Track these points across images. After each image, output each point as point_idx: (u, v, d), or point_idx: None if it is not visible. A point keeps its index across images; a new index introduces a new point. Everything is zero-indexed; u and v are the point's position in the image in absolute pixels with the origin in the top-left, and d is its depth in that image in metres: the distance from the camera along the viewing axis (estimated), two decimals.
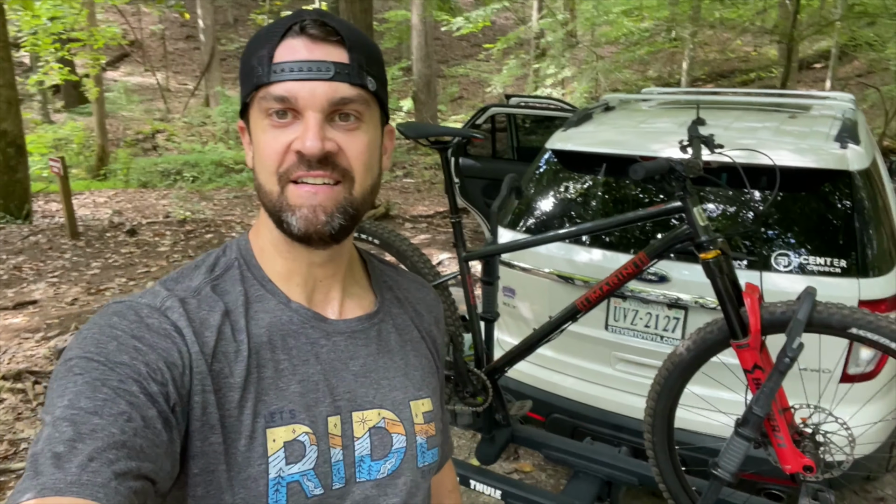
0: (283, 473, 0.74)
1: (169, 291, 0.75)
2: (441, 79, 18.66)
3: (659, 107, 3.56)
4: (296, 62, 0.73)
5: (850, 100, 3.56)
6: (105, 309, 0.73)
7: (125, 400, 0.64)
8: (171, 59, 21.13)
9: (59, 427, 0.60)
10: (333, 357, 0.82)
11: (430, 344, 0.96)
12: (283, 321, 0.80)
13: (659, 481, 1.93)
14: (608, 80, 13.59)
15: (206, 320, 0.74)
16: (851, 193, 2.33)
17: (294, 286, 0.82)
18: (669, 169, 1.55)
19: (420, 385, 0.90)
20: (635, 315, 2.53)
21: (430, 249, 6.74)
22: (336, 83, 0.73)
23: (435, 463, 0.90)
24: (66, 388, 0.63)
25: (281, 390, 0.76)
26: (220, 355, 0.74)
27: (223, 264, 0.81)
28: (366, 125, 0.77)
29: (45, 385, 3.85)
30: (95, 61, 11.11)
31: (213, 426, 0.71)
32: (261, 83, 0.74)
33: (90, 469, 0.57)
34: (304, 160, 0.73)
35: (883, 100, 11.58)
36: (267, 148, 0.75)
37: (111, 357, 0.66)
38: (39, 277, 5.93)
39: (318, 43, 0.74)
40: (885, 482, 3.01)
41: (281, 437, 0.75)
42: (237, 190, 10.83)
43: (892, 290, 2.26)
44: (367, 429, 0.82)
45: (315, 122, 0.73)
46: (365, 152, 0.77)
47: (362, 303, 0.89)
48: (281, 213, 0.76)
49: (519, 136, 5.53)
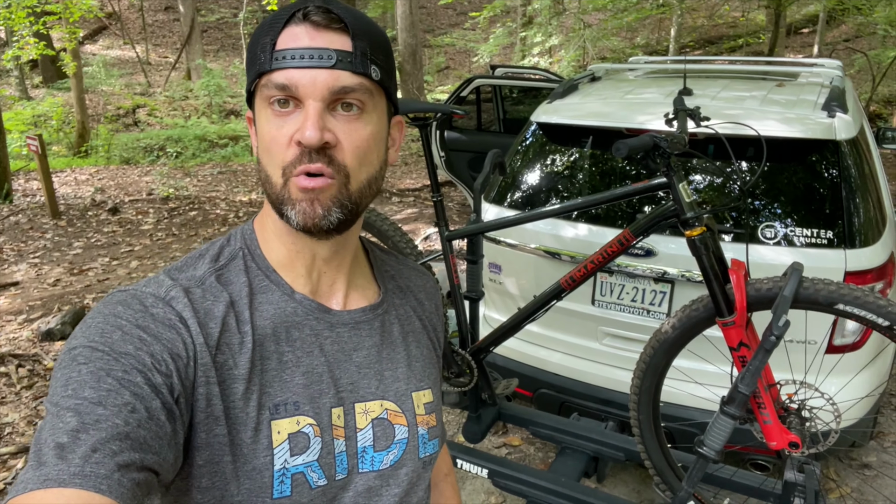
0: (287, 465, 0.75)
1: (173, 281, 0.75)
2: (427, 49, 18.40)
3: (646, 76, 3.51)
4: (297, 49, 0.72)
5: (838, 66, 3.52)
6: (109, 298, 0.73)
7: (129, 391, 0.63)
8: (151, 31, 20.70)
9: (63, 417, 0.60)
10: (337, 348, 0.82)
11: (431, 333, 0.97)
12: (287, 312, 0.80)
13: (645, 458, 1.93)
14: (596, 48, 13.44)
15: (211, 311, 0.74)
16: (839, 163, 2.30)
17: (298, 276, 0.82)
18: (653, 145, 1.51)
19: (421, 376, 0.91)
20: (622, 290, 2.52)
21: (417, 224, 6.69)
22: (338, 71, 0.72)
23: (436, 453, 0.91)
24: (70, 377, 0.63)
25: (285, 382, 0.77)
26: (224, 346, 0.74)
27: (227, 254, 0.81)
28: (368, 115, 0.76)
29: (28, 368, 3.81)
30: (72, 35, 10.83)
31: (217, 417, 0.72)
32: (263, 70, 0.73)
33: (93, 460, 0.57)
34: (305, 151, 0.72)
35: (870, 64, 11.54)
36: (270, 139, 0.74)
37: (116, 347, 0.66)
38: (21, 258, 5.85)
39: (321, 30, 0.72)
40: (869, 449, 3.04)
41: (285, 428, 0.75)
42: (221, 165, 10.70)
43: (879, 260, 2.25)
44: (369, 420, 0.83)
45: (315, 111, 0.71)
46: (363, 144, 0.75)
47: (366, 293, 0.89)
48: (282, 205, 0.75)
49: (505, 108, 5.46)
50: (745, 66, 3.68)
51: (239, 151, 11.90)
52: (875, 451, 3.05)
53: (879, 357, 2.46)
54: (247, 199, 8.29)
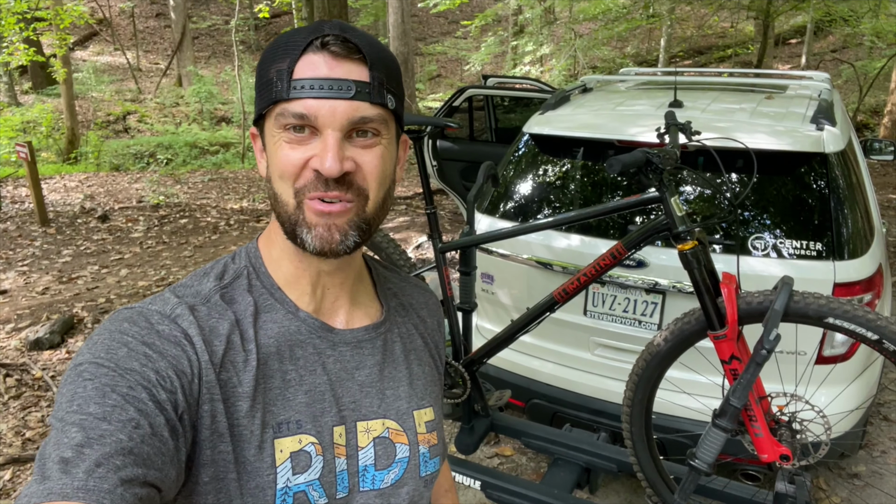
0: (290, 483, 0.75)
1: (179, 298, 0.76)
2: (419, 56, 18.45)
3: (636, 88, 3.54)
4: (316, 79, 0.72)
5: (826, 79, 3.56)
6: (115, 315, 0.74)
7: (134, 406, 0.64)
8: (142, 37, 20.64)
9: (68, 432, 0.61)
10: (339, 367, 0.83)
11: (433, 350, 0.98)
12: (290, 331, 0.80)
13: (637, 470, 1.94)
14: (587, 58, 13.53)
15: (216, 328, 0.75)
16: (827, 176, 2.33)
17: (303, 294, 0.83)
18: (646, 161, 1.53)
19: (423, 394, 0.92)
20: (613, 300, 2.53)
21: (409, 232, 6.69)
22: (357, 102, 0.73)
23: (437, 472, 0.91)
24: (75, 392, 0.64)
25: (288, 400, 0.78)
26: (229, 364, 0.74)
27: (232, 272, 0.82)
28: (383, 141, 0.77)
29: (16, 378, 3.78)
30: (62, 41, 10.77)
31: (222, 435, 0.72)
32: (279, 99, 0.73)
33: (97, 475, 0.58)
34: (322, 179, 0.73)
35: (857, 75, 11.68)
36: (286, 163, 0.74)
37: (121, 363, 0.67)
38: (9, 266, 5.80)
39: (340, 60, 0.73)
40: (858, 459, 3.06)
41: (288, 447, 0.76)
42: (212, 172, 10.66)
43: (867, 272, 2.27)
44: (371, 439, 0.84)
45: (334, 141, 0.72)
46: (380, 169, 0.77)
47: (369, 311, 0.90)
48: (296, 227, 0.76)
49: (497, 118, 5.48)
50: (735, 79, 3.71)
51: (230, 158, 11.86)
52: (864, 461, 3.07)
53: (868, 369, 2.48)
54: (238, 206, 8.26)
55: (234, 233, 6.91)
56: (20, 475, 3.01)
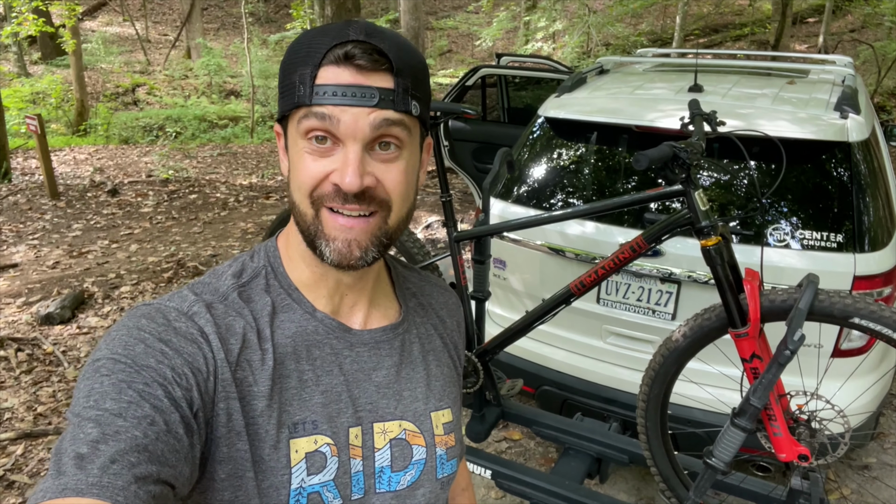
0: (304, 484, 0.75)
1: (196, 296, 0.76)
2: (429, 31, 18.22)
3: (654, 70, 3.46)
4: (339, 86, 0.70)
5: (849, 63, 3.48)
6: (133, 311, 0.74)
7: (149, 403, 0.64)
8: (151, 7, 20.47)
9: (84, 427, 0.61)
10: (356, 368, 0.83)
11: (451, 351, 0.96)
12: (308, 331, 0.80)
13: (651, 465, 1.92)
14: (600, 35, 13.31)
15: (232, 327, 0.75)
16: (849, 166, 2.28)
17: (320, 297, 0.82)
18: (673, 156, 1.48)
19: (441, 396, 0.91)
20: (627, 289, 2.50)
21: (419, 212, 6.66)
22: (379, 110, 0.71)
23: (454, 473, 0.91)
24: (92, 388, 0.64)
25: (304, 401, 0.77)
26: (245, 363, 0.74)
27: (250, 271, 0.82)
28: (405, 152, 0.76)
29: (27, 353, 3.80)
30: (71, 11, 10.71)
31: (239, 433, 0.72)
32: (302, 104, 0.72)
33: (111, 471, 0.58)
34: (341, 193, 0.72)
35: (876, 56, 11.45)
36: (306, 173, 0.74)
37: (138, 360, 0.67)
38: (20, 240, 5.81)
39: (366, 73, 0.71)
40: (869, 450, 3.04)
41: (303, 447, 0.76)
42: (221, 147, 10.62)
43: (888, 264, 2.23)
44: (387, 440, 0.83)
45: (355, 156, 0.71)
46: (403, 181, 0.76)
47: (387, 312, 0.89)
48: (315, 238, 0.75)
49: (510, 98, 5.40)
50: (755, 62, 3.63)
51: (239, 133, 11.82)
52: (875, 451, 3.05)
53: (884, 362, 2.46)
54: (247, 182, 8.24)
55: (244, 209, 6.89)
56: (32, 450, 3.04)
